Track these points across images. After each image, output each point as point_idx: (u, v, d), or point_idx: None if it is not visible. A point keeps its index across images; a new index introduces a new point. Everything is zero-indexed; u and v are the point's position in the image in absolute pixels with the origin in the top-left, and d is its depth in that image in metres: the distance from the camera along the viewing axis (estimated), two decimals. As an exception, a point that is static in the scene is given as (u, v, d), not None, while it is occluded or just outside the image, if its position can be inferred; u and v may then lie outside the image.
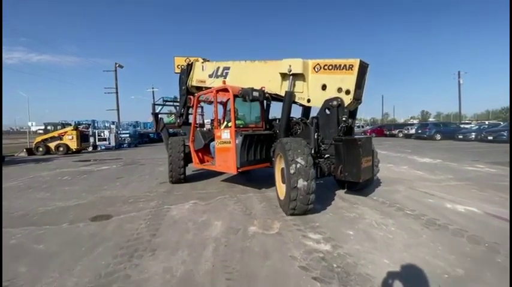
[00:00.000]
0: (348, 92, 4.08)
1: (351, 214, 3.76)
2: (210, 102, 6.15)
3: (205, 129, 6.17)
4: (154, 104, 7.35)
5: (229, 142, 4.60)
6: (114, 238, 3.09)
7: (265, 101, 5.27)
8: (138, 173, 7.89)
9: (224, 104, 6.56)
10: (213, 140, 5.27)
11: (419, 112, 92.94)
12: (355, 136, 4.26)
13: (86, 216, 3.93)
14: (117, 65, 27.84)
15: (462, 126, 23.58)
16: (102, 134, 19.36)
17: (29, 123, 21.45)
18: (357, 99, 4.20)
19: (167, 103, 7.77)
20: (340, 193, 4.94)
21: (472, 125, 24.28)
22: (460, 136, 18.72)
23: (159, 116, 7.24)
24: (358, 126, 43.31)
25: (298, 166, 3.43)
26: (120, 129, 22.95)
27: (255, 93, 4.45)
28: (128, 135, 21.54)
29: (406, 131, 25.23)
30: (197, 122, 6.15)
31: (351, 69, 4.03)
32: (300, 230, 3.21)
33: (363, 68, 4.14)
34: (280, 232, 3.17)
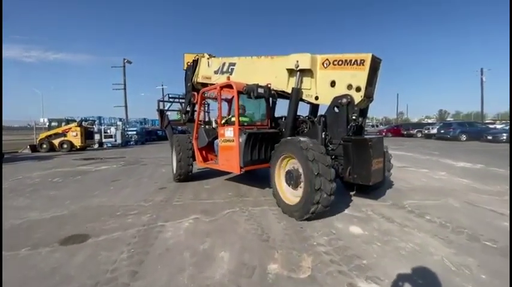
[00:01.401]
0: (358, 89, 3.76)
1: (406, 244, 2.74)
2: (215, 99, 5.86)
3: (208, 127, 5.68)
4: (159, 101, 7.02)
5: (233, 140, 4.37)
6: (79, 277, 2.20)
7: (270, 99, 5.03)
8: (137, 175, 7.06)
9: (229, 101, 6.17)
10: (216, 138, 4.99)
11: (436, 111, 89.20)
12: (366, 136, 3.98)
13: (57, 236, 3.06)
14: (126, 60, 27.37)
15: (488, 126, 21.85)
16: (108, 131, 18.79)
17: (41, 120, 21.13)
18: (368, 97, 3.88)
19: (172, 100, 7.36)
20: (372, 204, 3.92)
21: (498, 125, 22.54)
22: (489, 137, 17.10)
23: (165, 113, 6.95)
24: (373, 126, 41.61)
25: (320, 165, 3.19)
26: (127, 126, 22.44)
27: (260, 90, 4.21)
28: (134, 132, 20.96)
29: (426, 131, 23.66)
30: (203, 119, 5.73)
31: (362, 65, 3.73)
32: (343, 273, 2.22)
33: (375, 64, 3.82)
34: (314, 276, 2.19)
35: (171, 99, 7.16)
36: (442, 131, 20.63)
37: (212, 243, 2.83)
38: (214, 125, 5.56)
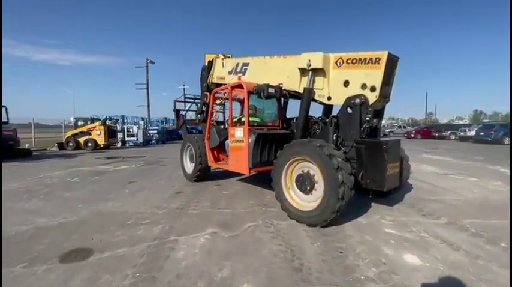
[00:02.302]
0: (373, 89, 3.57)
1: (488, 287, 2.06)
2: (226, 99, 5.89)
3: (221, 127, 5.63)
4: (176, 101, 7.06)
5: (242, 141, 4.38)
6: (71, 313, 1.78)
7: (282, 99, 5.04)
8: (155, 176, 6.77)
9: (242, 102, 6.05)
10: (227, 138, 4.93)
11: (470, 112, 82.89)
12: (383, 139, 3.90)
13: (59, 249, 2.71)
14: (149, 61, 27.88)
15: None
16: (130, 130, 19.10)
17: (71, 119, 21.97)
18: (384, 97, 3.70)
19: (188, 100, 7.37)
20: (423, 222, 3.22)
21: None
22: (539, 140, 15.26)
23: (181, 113, 7.06)
24: (399, 127, 39.42)
25: (344, 174, 3.06)
26: (149, 125, 22.75)
27: (271, 90, 4.15)
28: (156, 131, 21.18)
29: (462, 133, 21.77)
30: (217, 119, 5.77)
31: (378, 63, 3.54)
32: (410, 330, 1.62)
33: (391, 62, 3.62)
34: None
35: (187, 100, 7.13)
36: (481, 133, 18.83)
37: (232, 269, 2.32)
38: (227, 125, 5.38)
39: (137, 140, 18.67)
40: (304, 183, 3.51)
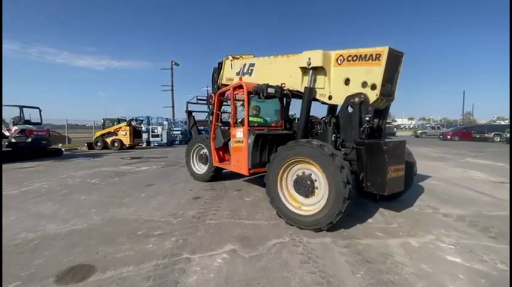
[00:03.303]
0: (373, 87, 3.42)
1: None
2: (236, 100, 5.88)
3: (226, 127, 5.46)
4: (188, 103, 7.10)
5: (242, 141, 4.38)
6: None
7: (284, 99, 4.99)
8: (174, 179, 6.49)
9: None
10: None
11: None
12: (390, 139, 3.64)
13: (59, 264, 2.40)
14: (173, 63, 28.40)
15: None
16: (155, 131, 19.42)
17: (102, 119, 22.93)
18: (387, 95, 3.56)
19: (200, 102, 7.38)
20: (493, 247, 2.49)
21: None
22: None
23: (192, 114, 7.05)
24: (433, 128, 36.59)
25: (348, 173, 2.96)
26: (173, 126, 23.05)
27: (270, 90, 4.09)
28: (179, 132, 21.38)
29: (509, 135, 19.50)
30: (228, 120, 5.81)
31: (378, 60, 3.40)
32: None
33: (393, 58, 3.47)
34: None
35: (199, 101, 7.11)
36: (535, 135, 16.67)
37: (254, 307, 1.83)
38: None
39: (161, 140, 18.92)
40: (304, 186, 3.36)
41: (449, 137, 25.58)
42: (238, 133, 4.50)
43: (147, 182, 6.12)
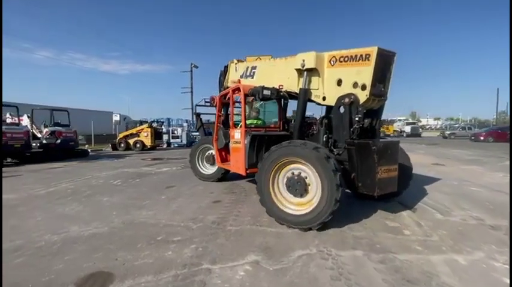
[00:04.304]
0: (363, 87, 3.44)
1: None
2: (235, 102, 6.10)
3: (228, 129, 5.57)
4: (196, 105, 7.42)
5: (240, 142, 4.55)
6: None
7: (282, 100, 5.21)
8: (193, 180, 6.43)
9: (245, 103, 6.24)
10: None
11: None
12: (380, 140, 3.61)
13: (78, 270, 2.34)
14: (193, 65, 28.88)
15: None
16: (175, 132, 19.78)
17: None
18: (378, 95, 3.54)
19: (208, 104, 7.34)
20: None
21: None
22: None
23: (200, 116, 7.36)
24: (463, 128, 34.33)
25: (340, 176, 3.00)
26: (192, 127, 23.39)
27: (266, 92, 4.12)
28: (198, 133, 21.62)
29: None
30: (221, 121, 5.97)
31: (368, 60, 3.39)
32: None
33: (383, 58, 3.45)
34: None
35: (206, 104, 7.23)
36: None
37: (282, 332, 1.63)
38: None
39: (181, 141, 19.23)
40: (296, 185, 3.38)
41: (482, 138, 23.80)
42: (236, 134, 4.66)
43: (167, 183, 6.12)
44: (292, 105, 4.91)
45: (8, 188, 5.69)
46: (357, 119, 3.43)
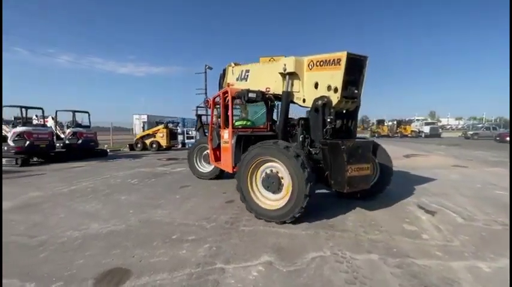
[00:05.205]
0: (335, 90, 3.63)
1: None
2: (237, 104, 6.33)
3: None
4: (197, 107, 7.82)
5: (228, 142, 4.78)
6: None
7: (270, 102, 5.45)
8: (207, 180, 6.53)
9: (238, 106, 6.70)
10: None
11: None
12: (362, 139, 4.21)
13: (97, 267, 2.43)
14: (207, 66, 29.23)
15: None
16: (190, 133, 20.10)
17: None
18: (350, 97, 3.74)
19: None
20: None
21: None
22: None
23: (201, 117, 7.64)
24: (487, 128, 32.63)
25: (309, 171, 3.22)
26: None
27: (251, 95, 4.36)
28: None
29: None
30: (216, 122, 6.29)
31: (339, 64, 3.59)
32: None
33: (354, 62, 3.63)
34: None
35: (206, 105, 7.47)
36: None
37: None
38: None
39: (195, 142, 19.50)
40: (272, 183, 3.59)
41: (508, 138, 22.57)
42: (225, 134, 4.91)
43: (181, 183, 6.23)
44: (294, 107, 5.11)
45: (35, 186, 6.00)
46: (328, 120, 3.64)
